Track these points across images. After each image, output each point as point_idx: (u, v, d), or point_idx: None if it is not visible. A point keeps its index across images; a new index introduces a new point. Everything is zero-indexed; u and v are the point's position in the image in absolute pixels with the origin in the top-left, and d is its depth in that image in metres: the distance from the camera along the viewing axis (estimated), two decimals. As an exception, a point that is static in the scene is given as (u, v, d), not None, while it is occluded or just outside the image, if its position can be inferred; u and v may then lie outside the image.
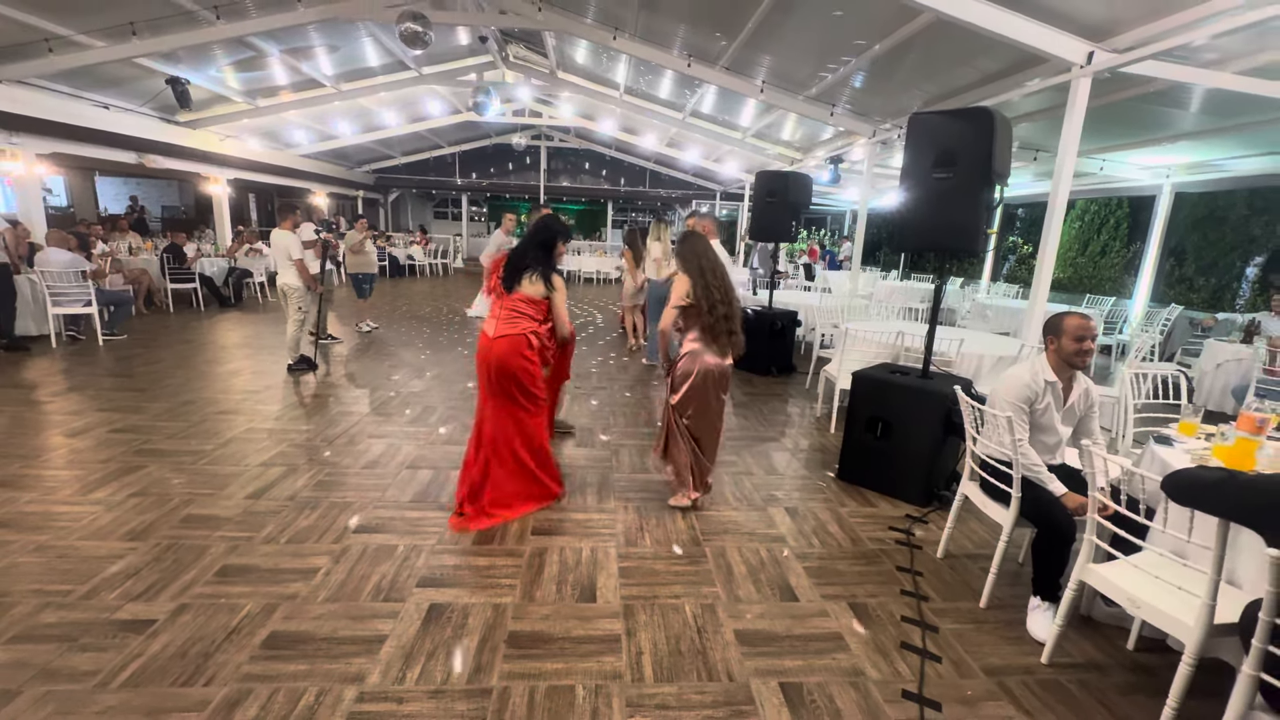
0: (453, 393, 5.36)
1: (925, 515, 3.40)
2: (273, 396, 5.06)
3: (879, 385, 3.64)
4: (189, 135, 10.28)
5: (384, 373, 5.97)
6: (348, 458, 3.81)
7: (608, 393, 5.56)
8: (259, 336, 7.45)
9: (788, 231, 6.05)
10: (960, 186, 3.15)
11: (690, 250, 3.29)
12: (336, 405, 4.89)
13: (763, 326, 6.35)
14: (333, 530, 2.94)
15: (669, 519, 3.21)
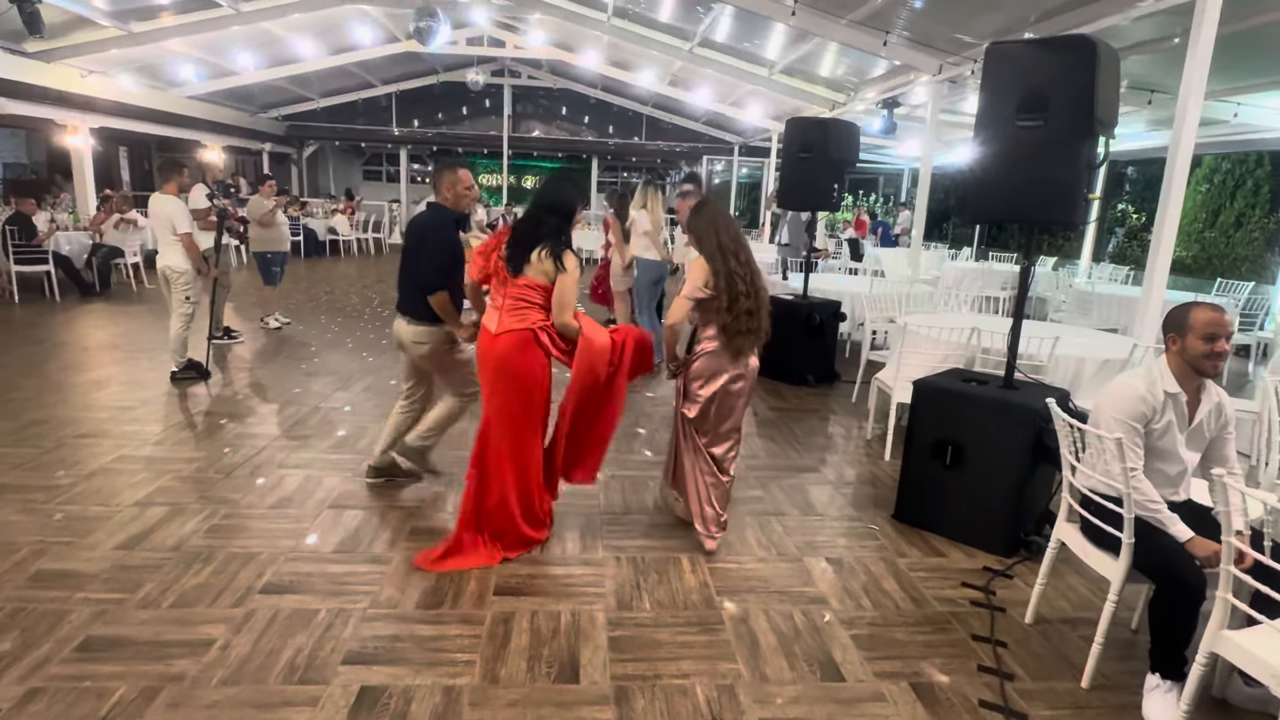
0: (389, 408, 5.34)
1: (1009, 568, 3.42)
2: (152, 414, 5.04)
3: (948, 398, 3.66)
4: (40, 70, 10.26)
5: (299, 382, 5.97)
6: (251, 494, 3.81)
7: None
8: (133, 335, 7.43)
9: (828, 197, 6.09)
10: (1053, 138, 3.17)
11: (708, 223, 3.33)
12: (237, 425, 4.88)
13: (795, 322, 6.38)
14: (232, 590, 2.93)
15: (674, 573, 3.21)
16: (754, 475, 4.39)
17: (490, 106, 21.05)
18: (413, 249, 3.66)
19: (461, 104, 21.10)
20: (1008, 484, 3.48)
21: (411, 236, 3.69)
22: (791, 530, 3.70)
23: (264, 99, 17.64)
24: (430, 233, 3.59)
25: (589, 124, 21.81)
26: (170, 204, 5.65)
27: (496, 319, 3.19)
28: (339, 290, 11.20)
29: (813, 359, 6.51)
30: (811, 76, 11.77)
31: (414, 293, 3.62)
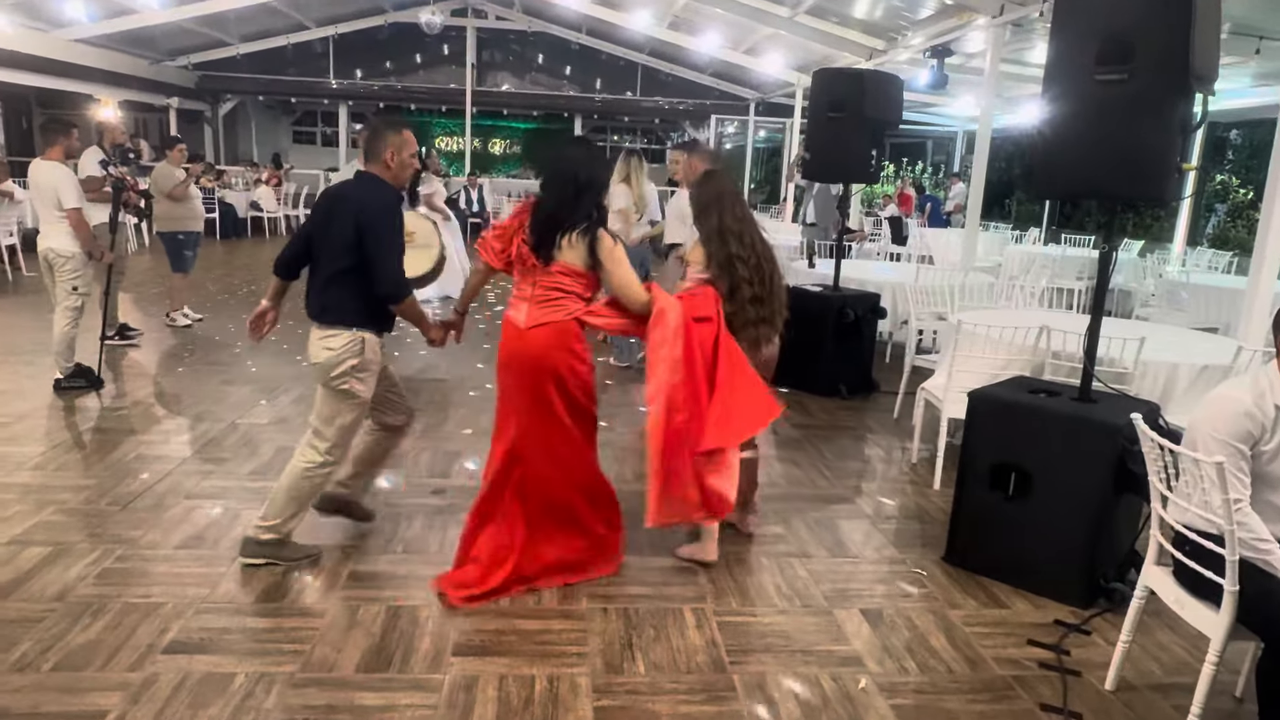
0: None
1: (1087, 621, 3.42)
2: (32, 432, 5.02)
3: (1011, 412, 3.66)
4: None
5: (214, 392, 5.96)
6: (154, 531, 3.79)
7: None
8: (8, 334, 7.40)
9: (864, 166, 6.11)
10: (1139, 95, 3.19)
11: (713, 198, 3.52)
12: (136, 445, 4.86)
13: (824, 320, 6.40)
14: (129, 649, 2.91)
15: (674, 628, 3.21)
16: (773, 508, 4.39)
17: (450, 54, 21.08)
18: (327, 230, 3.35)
19: (415, 51, 21.12)
20: (1084, 519, 3.49)
21: (327, 214, 3.38)
22: (819, 575, 3.69)
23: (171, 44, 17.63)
24: (381, 216, 3.31)
25: (571, 76, 21.86)
26: (55, 173, 5.62)
27: (525, 312, 3.32)
28: (263, 279, 11.17)
29: (845, 365, 6.53)
30: (845, 19, 11.82)
31: (323, 289, 3.38)
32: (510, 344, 3.34)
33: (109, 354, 6.66)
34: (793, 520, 4.25)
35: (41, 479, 4.32)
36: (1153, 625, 3.39)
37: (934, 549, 3.98)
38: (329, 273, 3.36)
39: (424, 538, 3.86)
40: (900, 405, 6.17)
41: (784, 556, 3.86)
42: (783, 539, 4.04)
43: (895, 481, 4.91)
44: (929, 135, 22.58)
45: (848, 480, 4.86)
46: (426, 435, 5.24)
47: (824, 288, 6.70)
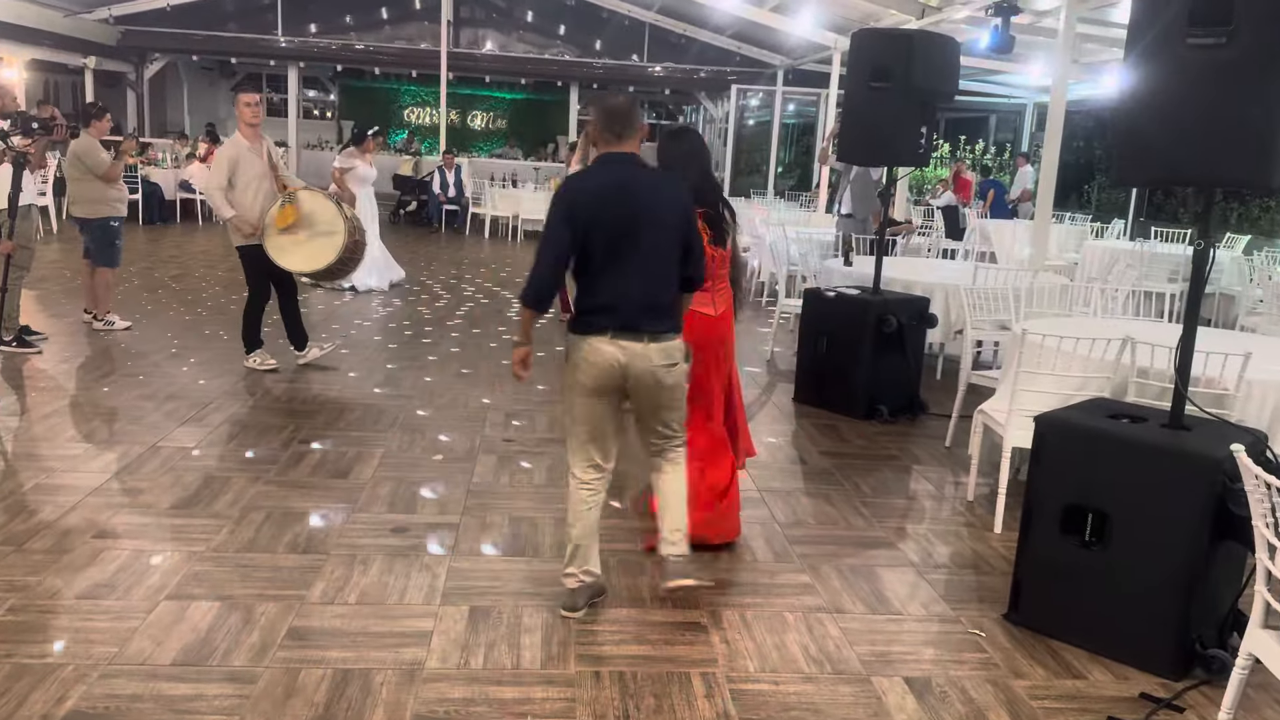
0: (263, 450, 5.34)
1: (1180, 696, 3.38)
2: (-90, 454, 5.02)
3: (1088, 442, 3.64)
4: None
5: (131, 410, 5.97)
6: (54, 576, 3.78)
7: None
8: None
9: (913, 146, 6.11)
10: (1241, 62, 3.17)
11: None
12: (35, 473, 4.87)
13: (863, 329, 6.40)
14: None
15: (680, 697, 3.19)
16: (799, 552, 4.37)
17: (422, 8, 21.20)
18: (655, 225, 3.52)
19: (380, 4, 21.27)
20: (1175, 571, 3.45)
21: (632, 209, 3.50)
22: (855, 636, 3.67)
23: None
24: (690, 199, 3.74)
25: (566, 37, 21.99)
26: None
27: (712, 300, 4.25)
28: (193, 273, 11.22)
29: (887, 382, 6.52)
30: (890, -31, 11.86)
31: (662, 291, 3.57)
32: (707, 331, 4.22)
33: (5, 363, 6.68)
34: (823, 568, 4.23)
35: (-78, 512, 4.32)
36: (1259, 701, 3.36)
37: (994, 605, 3.95)
38: (661, 273, 3.59)
39: (381, 585, 3.84)
40: (953, 431, 6.16)
41: (812, 612, 3.83)
42: (811, 590, 4.01)
43: (947, 523, 4.89)
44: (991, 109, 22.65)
45: (890, 521, 4.83)
46: (385, 463, 5.23)
47: (862, 290, 6.69)
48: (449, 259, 13.68)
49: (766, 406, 6.83)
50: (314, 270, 6.74)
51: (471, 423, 6.04)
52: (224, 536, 4.21)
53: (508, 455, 5.46)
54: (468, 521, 4.52)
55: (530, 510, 4.70)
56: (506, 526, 4.49)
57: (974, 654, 3.60)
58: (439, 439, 5.70)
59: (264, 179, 6.71)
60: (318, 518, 4.47)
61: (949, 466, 5.71)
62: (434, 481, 5.01)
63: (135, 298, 9.46)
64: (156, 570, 3.86)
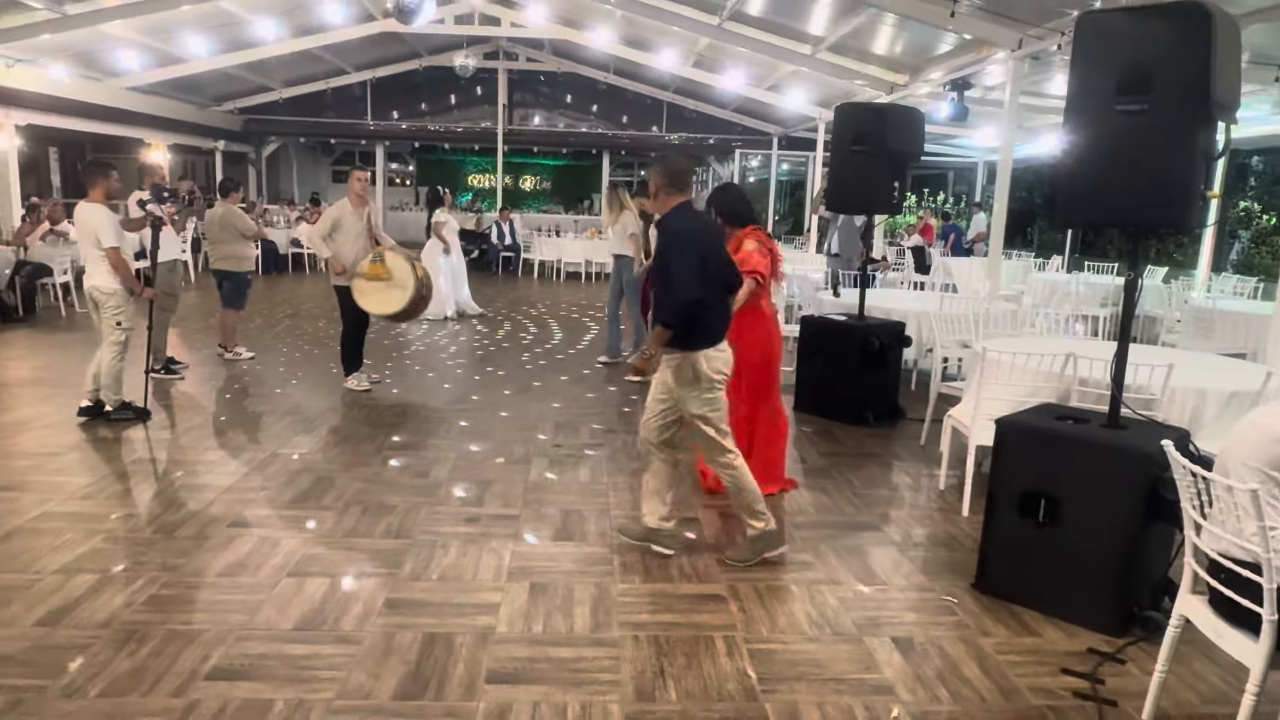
0: (360, 454, 5.38)
1: (1121, 650, 3.34)
2: (80, 463, 5.10)
3: (1039, 440, 3.61)
4: (-40, 60, 10.61)
5: (255, 424, 6.03)
6: (197, 558, 3.83)
7: (608, 451, 5.56)
8: (61, 367, 7.55)
9: (887, 197, 6.10)
10: (1160, 125, 3.16)
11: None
12: (180, 475, 4.93)
13: (849, 348, 6.37)
14: (172, 675, 2.93)
15: (705, 656, 3.17)
16: (801, 536, 4.34)
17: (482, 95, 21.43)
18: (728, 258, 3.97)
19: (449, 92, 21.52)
20: (1116, 546, 3.41)
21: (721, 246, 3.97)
22: (849, 604, 3.64)
23: (217, 90, 18.08)
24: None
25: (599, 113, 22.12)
26: (94, 214, 5.73)
27: (772, 305, 4.72)
28: (303, 314, 11.35)
29: (872, 393, 6.47)
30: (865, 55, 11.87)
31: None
32: (774, 334, 4.69)
33: (156, 387, 6.77)
34: (821, 548, 4.21)
35: (90, 508, 4.38)
36: (1189, 654, 3.30)
37: (964, 576, 3.91)
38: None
39: (457, 565, 3.86)
40: (927, 432, 6.10)
41: (814, 584, 3.81)
42: (812, 566, 3.99)
43: (923, 509, 4.85)
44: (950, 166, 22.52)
45: (876, 507, 4.80)
46: (457, 464, 5.25)
47: (849, 317, 6.66)
48: (506, 297, 13.74)
49: (770, 414, 6.80)
50: (382, 314, 6.91)
51: (527, 431, 6.05)
52: (331, 525, 4.26)
53: (557, 459, 5.47)
54: (526, 513, 4.52)
55: (578, 503, 4.69)
56: (558, 517, 4.49)
57: (948, 617, 3.56)
58: (501, 445, 5.71)
59: (360, 237, 6.89)
60: (405, 511, 4.50)
61: (924, 462, 5.66)
62: (497, 480, 5.03)
63: (257, 334, 9.57)
64: (279, 552, 3.91)
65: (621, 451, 5.61)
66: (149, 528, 4.15)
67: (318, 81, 19.80)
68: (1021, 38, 8.25)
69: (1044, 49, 8.05)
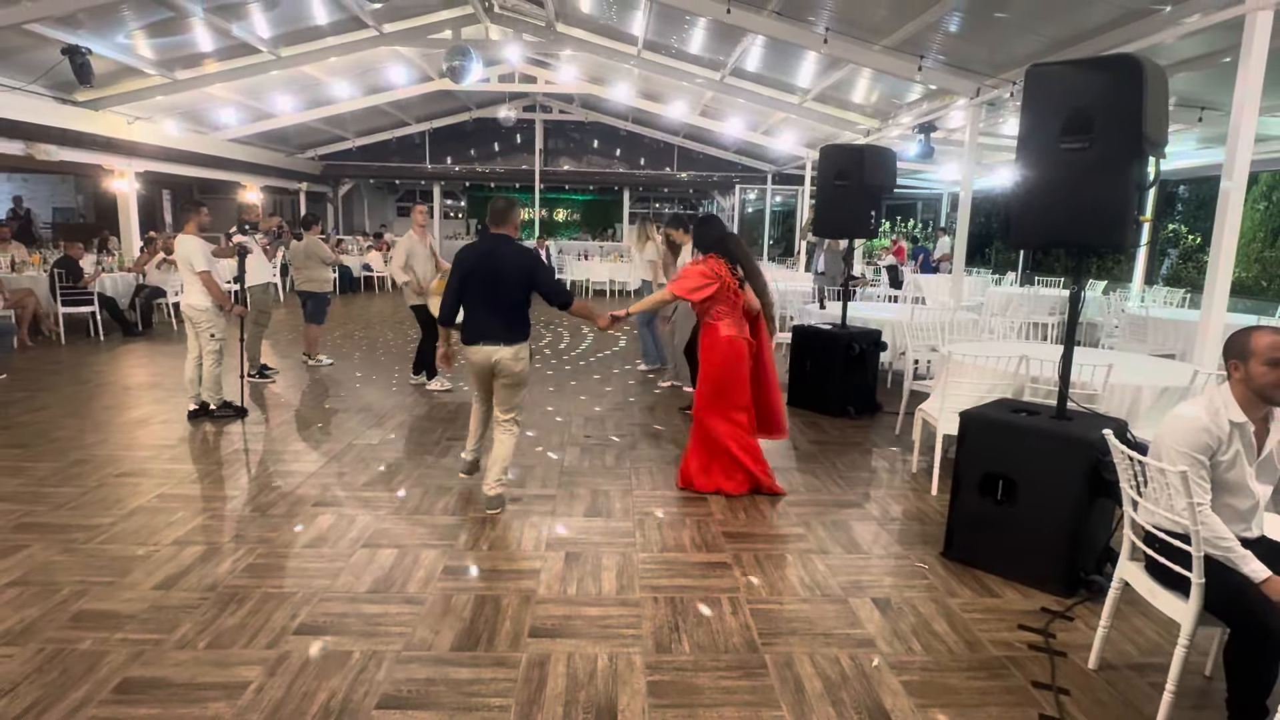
0: (422, 445, 5.42)
1: (1070, 609, 3.30)
2: (191, 453, 5.19)
3: (997, 429, 3.59)
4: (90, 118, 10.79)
5: (333, 419, 6.10)
6: (285, 533, 3.88)
7: (630, 440, 5.57)
8: (174, 373, 7.65)
9: (865, 224, 6.07)
10: (1099, 160, 3.14)
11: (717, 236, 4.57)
12: (272, 462, 5.00)
13: (834, 352, 6.35)
14: (267, 631, 2.96)
15: (714, 614, 3.17)
16: (795, 511, 4.33)
17: (522, 141, 21.50)
18: (503, 277, 4.09)
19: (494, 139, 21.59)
20: (1064, 519, 3.38)
21: (492, 267, 4.09)
22: (836, 569, 3.63)
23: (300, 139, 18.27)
24: (536, 261, 4.19)
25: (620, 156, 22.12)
26: (188, 243, 5.80)
27: (744, 330, 4.45)
28: (373, 327, 11.43)
29: (853, 390, 6.44)
30: (845, 103, 11.81)
31: (510, 317, 4.11)
32: (744, 352, 4.43)
33: (252, 389, 6.85)
34: (812, 523, 4.19)
35: (199, 490, 4.45)
36: (1128, 612, 3.26)
37: (934, 546, 3.89)
38: (512, 305, 4.09)
39: (504, 538, 3.88)
40: (901, 423, 6.06)
41: (806, 554, 3.80)
42: (803, 539, 3.98)
43: (899, 489, 4.82)
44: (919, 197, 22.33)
45: (858, 488, 4.78)
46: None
47: (833, 326, 6.63)
48: (541, 310, 13.78)
49: (767, 409, 6.77)
50: None
51: (562, 423, 6.07)
52: (398, 504, 4.29)
53: (587, 447, 5.48)
54: (561, 493, 4.54)
55: (604, 484, 4.70)
56: (589, 497, 4.50)
57: (920, 581, 3.54)
58: (541, 435, 5.73)
59: (428, 260, 6.99)
60: (461, 492, 4.52)
61: (898, 449, 5.62)
62: (538, 465, 5.04)
63: (335, 344, 9.66)
64: (354, 527, 3.94)
65: (643, 440, 5.62)
66: (247, 507, 4.21)
67: (384, 132, 19.95)
68: (979, 87, 8.19)
69: (998, 96, 7.99)
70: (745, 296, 4.48)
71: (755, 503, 4.44)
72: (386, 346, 9.60)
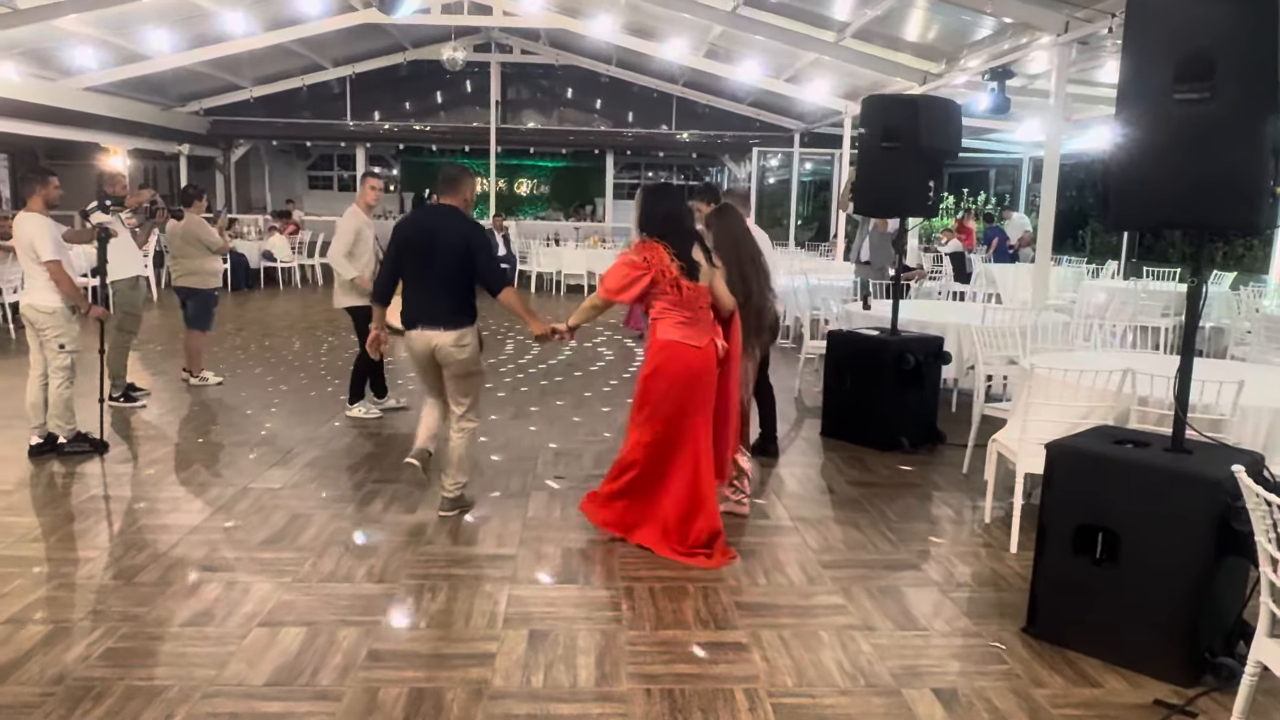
0: (341, 490, 5.39)
1: (1192, 702, 3.30)
2: (31, 501, 5.12)
3: (1095, 467, 3.59)
4: (-100, 60, 10.75)
5: (224, 456, 6.05)
6: (160, 607, 3.83)
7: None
8: (10, 396, 7.56)
9: (921, 199, 6.12)
10: (1223, 115, 3.16)
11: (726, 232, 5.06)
12: (141, 514, 4.93)
13: (882, 367, 6.38)
14: (131, 738, 2.92)
15: (725, 712, 3.15)
16: (831, 575, 4.32)
17: (473, 91, 21.62)
18: (438, 253, 4.65)
19: (436, 89, 21.73)
20: (1182, 585, 3.38)
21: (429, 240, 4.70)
22: (885, 651, 3.62)
23: (182, 89, 18.30)
24: (477, 237, 4.79)
25: (601, 110, 22.28)
26: (30, 224, 5.68)
27: (696, 334, 4.39)
28: (277, 334, 11.40)
29: (907, 416, 6.47)
30: (894, 42, 11.94)
31: (448, 298, 4.65)
32: (691, 364, 4.35)
33: (115, 416, 6.80)
34: (854, 589, 4.18)
35: (42, 551, 4.39)
36: (1268, 705, 3.26)
37: (1013, 619, 3.88)
38: (450, 285, 4.66)
39: (448, 611, 3.85)
40: (970, 459, 6.08)
41: (845, 629, 3.78)
42: (843, 610, 3.96)
43: (967, 544, 4.82)
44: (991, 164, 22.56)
45: (914, 543, 4.78)
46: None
47: (881, 331, 6.66)
48: (501, 311, 13.79)
49: (796, 441, 6.79)
50: None
51: (525, 461, 6.05)
52: (308, 568, 4.25)
53: (558, 491, 5.47)
54: (523, 552, 4.51)
55: (580, 540, 4.69)
56: (559, 557, 4.48)
57: (996, 666, 3.53)
58: (496, 476, 5.71)
59: (374, 249, 6.95)
60: (390, 552, 4.49)
61: (966, 492, 5.63)
62: (492, 516, 5.02)
63: (226, 356, 9.62)
64: (250, 599, 3.90)
65: (629, 483, 5.60)
66: (106, 573, 4.15)
67: (292, 79, 20.00)
68: (1068, 20, 8.28)
69: (1093, 32, 8.09)
70: (712, 291, 4.47)
71: (780, 563, 4.44)
72: (295, 360, 9.57)
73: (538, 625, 3.74)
